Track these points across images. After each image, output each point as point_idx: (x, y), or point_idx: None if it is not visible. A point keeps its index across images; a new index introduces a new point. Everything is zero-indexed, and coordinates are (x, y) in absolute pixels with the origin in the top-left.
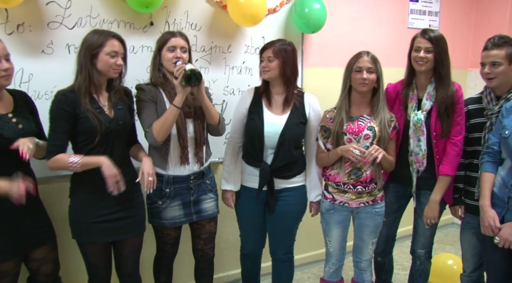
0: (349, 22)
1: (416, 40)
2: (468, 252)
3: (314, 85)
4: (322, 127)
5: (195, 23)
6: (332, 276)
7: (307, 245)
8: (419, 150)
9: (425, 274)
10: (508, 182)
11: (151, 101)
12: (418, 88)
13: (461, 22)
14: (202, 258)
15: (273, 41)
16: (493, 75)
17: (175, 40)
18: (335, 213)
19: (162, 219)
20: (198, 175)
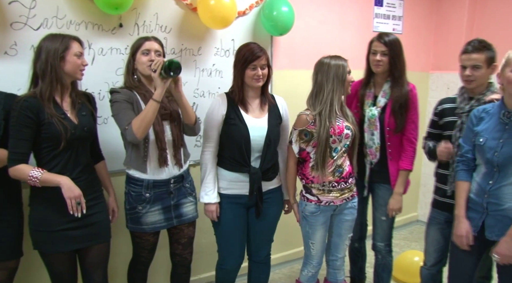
0: (316, 26)
1: (373, 44)
2: (431, 246)
3: (283, 87)
4: (302, 132)
5: (165, 26)
6: (310, 279)
7: (279, 246)
8: (373, 143)
9: (387, 268)
10: (485, 187)
11: (127, 102)
12: (375, 86)
13: (423, 27)
14: (180, 263)
15: (256, 48)
16: (473, 78)
17: (149, 44)
18: (321, 215)
19: (142, 224)
20: (178, 178)
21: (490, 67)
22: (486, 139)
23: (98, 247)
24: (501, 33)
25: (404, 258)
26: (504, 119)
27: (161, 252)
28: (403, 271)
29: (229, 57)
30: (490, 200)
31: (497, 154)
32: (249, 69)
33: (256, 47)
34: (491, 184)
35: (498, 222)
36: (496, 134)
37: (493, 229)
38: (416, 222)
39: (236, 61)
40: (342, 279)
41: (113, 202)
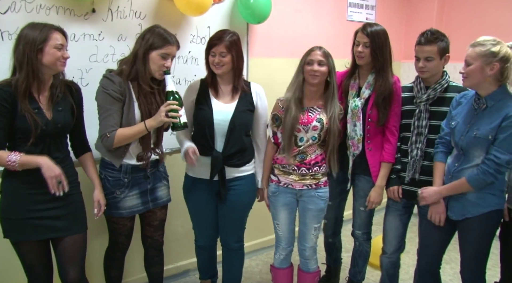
0: (292, 14)
1: (357, 35)
2: (390, 233)
3: (259, 75)
4: (274, 116)
5: (140, 11)
6: (282, 262)
7: (255, 233)
8: (355, 134)
9: (364, 255)
10: (451, 169)
11: (118, 100)
12: (360, 78)
13: (395, 17)
14: (152, 245)
15: (220, 35)
16: (426, 69)
17: (171, 48)
18: (280, 195)
19: (120, 209)
20: (154, 163)
21: (443, 58)
22: (457, 123)
23: (72, 239)
24: (469, 23)
25: (377, 242)
26: (474, 105)
27: (135, 238)
28: (376, 255)
29: (205, 45)
30: (452, 181)
31: (462, 138)
32: (210, 55)
33: (218, 34)
34: (456, 166)
35: (457, 203)
36: (467, 119)
37: (454, 209)
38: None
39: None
40: (315, 268)
41: (98, 194)
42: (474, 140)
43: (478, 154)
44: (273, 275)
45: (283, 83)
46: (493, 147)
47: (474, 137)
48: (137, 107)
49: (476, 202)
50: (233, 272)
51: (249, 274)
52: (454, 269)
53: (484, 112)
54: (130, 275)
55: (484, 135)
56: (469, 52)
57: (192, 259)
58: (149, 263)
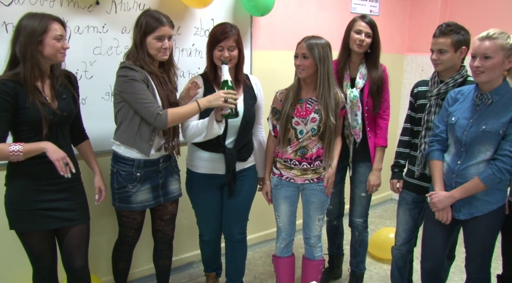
0: (295, 6)
1: (356, 23)
2: (400, 226)
3: (262, 67)
4: (273, 109)
5: (143, 4)
6: (283, 251)
7: (258, 225)
8: (356, 123)
9: (364, 244)
10: (453, 167)
11: (144, 83)
12: (350, 68)
13: (399, 9)
14: (162, 239)
15: (223, 29)
16: (439, 61)
17: (164, 30)
18: (282, 188)
19: (132, 203)
20: (166, 157)
21: (458, 51)
22: (457, 118)
23: (78, 229)
24: (473, 15)
25: (379, 235)
26: (476, 101)
27: (144, 232)
28: (379, 247)
29: None
30: (457, 180)
31: (466, 133)
32: (216, 50)
33: (226, 28)
34: (459, 163)
35: (464, 203)
36: (468, 115)
37: (460, 209)
38: (390, 200)
39: (207, 41)
40: (320, 255)
41: (99, 180)
42: (482, 135)
43: (484, 149)
44: (275, 265)
45: (287, 76)
46: (507, 143)
47: (483, 132)
48: (156, 89)
49: (486, 200)
50: (236, 263)
51: (252, 266)
52: (456, 261)
53: (490, 108)
54: (137, 267)
55: (494, 130)
56: (488, 45)
57: (196, 251)
58: (158, 257)
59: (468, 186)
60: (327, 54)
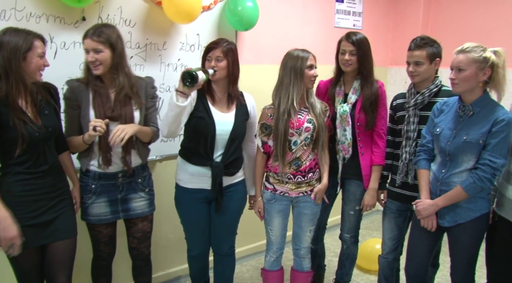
0: (280, 21)
1: (341, 43)
2: (385, 235)
3: (247, 81)
4: (263, 125)
5: (129, 19)
6: (273, 265)
7: (246, 238)
8: (345, 139)
9: (351, 257)
10: (438, 176)
11: (75, 109)
12: (345, 84)
13: (382, 23)
14: (137, 256)
15: (218, 41)
16: (416, 73)
17: (86, 43)
18: (276, 203)
19: (88, 215)
20: (127, 173)
21: (433, 62)
22: (442, 129)
23: (63, 243)
24: (453, 28)
25: (366, 246)
26: (459, 112)
27: (125, 248)
28: (365, 258)
29: (194, 52)
30: (442, 188)
31: (450, 143)
32: (206, 60)
33: (219, 40)
34: (444, 172)
35: (448, 210)
36: (452, 125)
37: (445, 216)
38: (377, 211)
39: None
40: (308, 267)
41: (76, 191)
42: (464, 145)
43: (467, 159)
44: (263, 278)
45: (271, 90)
46: (486, 152)
47: (464, 142)
48: (91, 106)
49: (468, 207)
50: (224, 278)
51: (240, 280)
52: (441, 271)
53: (472, 119)
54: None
55: (475, 140)
56: (461, 58)
57: (183, 266)
58: (137, 273)
59: (451, 194)
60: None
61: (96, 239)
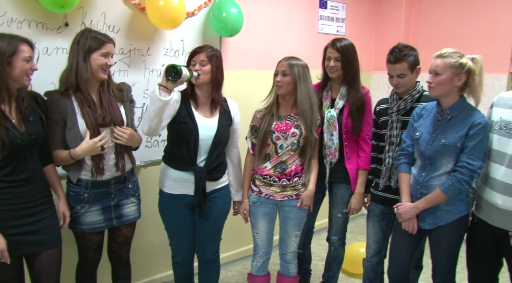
0: (264, 27)
1: (327, 50)
2: (370, 238)
3: (232, 87)
4: (253, 127)
5: (113, 25)
6: (259, 270)
7: (231, 244)
8: (332, 143)
9: (338, 260)
10: (419, 179)
11: (59, 121)
12: (332, 90)
13: (364, 29)
14: (116, 259)
15: (203, 46)
16: (401, 85)
17: (110, 47)
18: (261, 206)
19: (81, 224)
20: (119, 179)
21: (414, 71)
22: (421, 133)
23: (48, 253)
24: (434, 34)
25: (350, 250)
26: (438, 117)
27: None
28: (350, 262)
29: (178, 58)
30: (422, 191)
31: (429, 147)
32: (191, 65)
33: (203, 45)
34: (424, 175)
35: (429, 213)
36: (431, 129)
37: (425, 219)
38: (362, 215)
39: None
40: (295, 272)
41: (63, 205)
42: (443, 149)
43: (446, 162)
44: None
45: (256, 95)
46: (464, 155)
47: (443, 145)
48: (79, 114)
49: (448, 210)
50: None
51: None
52: (425, 273)
53: (449, 123)
54: None
55: (453, 143)
56: (438, 62)
57: (168, 272)
58: (116, 277)
59: (431, 197)
60: (305, 74)
61: (85, 247)
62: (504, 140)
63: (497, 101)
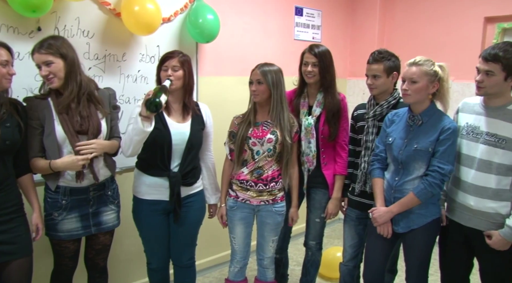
0: (241, 34)
1: (304, 55)
2: (346, 242)
3: (209, 93)
4: (231, 133)
5: (87, 30)
6: (236, 275)
7: (208, 250)
8: (310, 151)
9: (316, 264)
10: (392, 184)
11: (37, 128)
12: (309, 96)
13: (340, 36)
14: (93, 267)
15: (173, 51)
16: (374, 86)
17: (35, 58)
18: (238, 210)
19: (58, 231)
20: (98, 186)
21: (390, 76)
22: (394, 138)
23: (18, 263)
24: (406, 42)
25: (327, 254)
26: (409, 122)
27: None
28: (327, 266)
29: (154, 63)
30: (396, 195)
31: (402, 152)
32: (162, 70)
33: (173, 51)
34: (397, 180)
35: (402, 216)
36: (403, 135)
37: (399, 222)
38: (339, 220)
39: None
40: (272, 278)
41: (37, 218)
42: (415, 153)
43: (418, 166)
44: None
45: (233, 101)
46: (435, 159)
47: (415, 150)
48: (56, 118)
49: (421, 213)
50: None
51: None
52: (400, 276)
53: (421, 128)
54: None
55: (424, 148)
56: (414, 70)
57: (144, 279)
58: None
59: (404, 201)
60: (279, 80)
61: (61, 254)
62: (472, 144)
63: (462, 107)
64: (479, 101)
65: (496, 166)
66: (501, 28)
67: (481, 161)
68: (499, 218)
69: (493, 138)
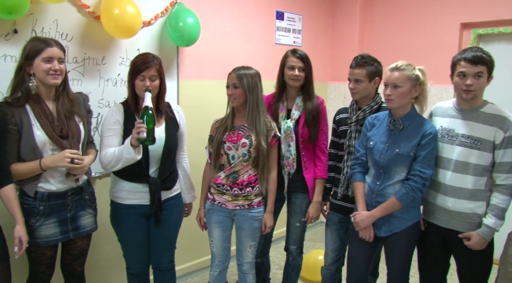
0: (222, 37)
1: (288, 59)
2: (328, 246)
3: (190, 97)
4: (210, 137)
5: (66, 33)
6: (217, 279)
7: (189, 255)
8: (290, 154)
9: (297, 268)
10: (373, 188)
11: (14, 133)
12: (287, 100)
13: (321, 41)
14: (70, 273)
15: (145, 59)
16: (356, 90)
17: (51, 51)
18: (214, 213)
19: (36, 238)
20: (76, 190)
21: (372, 81)
22: (375, 143)
23: None
24: (386, 47)
25: (309, 257)
26: (390, 126)
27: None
28: (309, 269)
29: None
30: (377, 199)
31: (383, 156)
32: (138, 79)
33: (148, 58)
34: (378, 184)
35: (384, 220)
36: (384, 139)
37: (381, 226)
38: (321, 223)
39: (129, 71)
40: (253, 282)
41: (20, 230)
42: (397, 158)
43: (399, 170)
44: None
45: (214, 105)
46: (417, 164)
47: (397, 154)
48: (37, 124)
49: (402, 217)
50: None
51: None
52: (381, 279)
53: (402, 132)
54: None
55: (406, 153)
56: (397, 75)
57: None
58: None
59: (386, 205)
60: (256, 84)
61: (37, 261)
62: (448, 147)
63: (435, 111)
64: (452, 105)
65: (472, 167)
66: (476, 34)
67: (458, 162)
68: (476, 218)
69: (468, 140)
